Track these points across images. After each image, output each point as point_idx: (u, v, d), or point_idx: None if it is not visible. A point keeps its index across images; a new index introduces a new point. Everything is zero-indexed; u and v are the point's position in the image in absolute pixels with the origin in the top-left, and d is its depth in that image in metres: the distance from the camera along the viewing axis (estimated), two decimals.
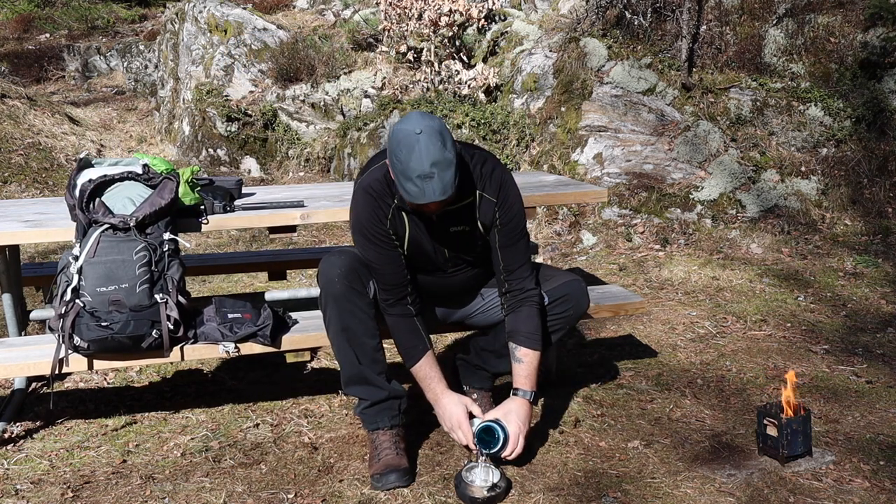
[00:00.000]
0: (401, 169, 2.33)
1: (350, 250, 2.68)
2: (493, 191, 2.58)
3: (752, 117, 5.86)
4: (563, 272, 2.85)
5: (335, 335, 2.59)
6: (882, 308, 4.21)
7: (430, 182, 2.30)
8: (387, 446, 2.60)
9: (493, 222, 2.60)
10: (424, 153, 2.29)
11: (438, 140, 2.31)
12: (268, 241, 5.71)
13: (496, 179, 2.58)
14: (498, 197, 2.58)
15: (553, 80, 6.41)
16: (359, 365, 2.59)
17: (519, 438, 2.54)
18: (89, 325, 2.58)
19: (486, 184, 2.57)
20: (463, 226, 2.59)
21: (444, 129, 2.36)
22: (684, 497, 2.46)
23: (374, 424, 2.63)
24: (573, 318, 2.77)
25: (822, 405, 3.09)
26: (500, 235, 2.61)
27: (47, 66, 11.05)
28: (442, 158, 2.30)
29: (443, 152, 2.30)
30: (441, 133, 2.33)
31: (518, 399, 2.60)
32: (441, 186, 2.31)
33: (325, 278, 2.57)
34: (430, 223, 2.57)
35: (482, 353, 2.88)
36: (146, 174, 2.81)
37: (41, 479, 2.64)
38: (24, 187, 6.84)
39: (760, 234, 5.26)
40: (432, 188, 2.31)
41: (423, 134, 2.30)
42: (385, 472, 2.53)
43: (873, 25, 5.90)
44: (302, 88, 8.26)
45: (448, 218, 2.56)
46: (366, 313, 2.58)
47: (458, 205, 2.53)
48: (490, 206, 2.58)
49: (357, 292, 2.56)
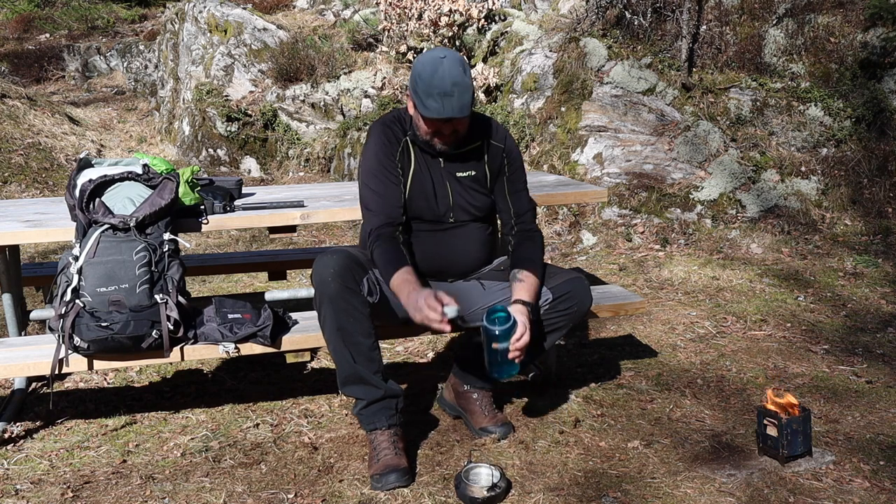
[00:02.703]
0: (423, 87, 2.52)
1: (344, 249, 2.68)
2: (500, 138, 2.79)
3: (752, 117, 5.86)
4: (565, 270, 2.86)
5: (331, 335, 2.59)
6: (882, 308, 4.21)
7: (450, 99, 2.50)
8: (385, 446, 2.60)
9: (502, 169, 2.79)
10: (447, 73, 2.50)
11: (459, 66, 2.53)
12: (268, 241, 5.71)
13: (501, 130, 2.82)
14: (505, 144, 2.79)
15: (553, 80, 6.41)
16: (354, 364, 2.59)
17: (525, 329, 2.50)
18: (89, 325, 2.58)
19: (494, 132, 2.78)
20: (470, 171, 2.74)
21: (464, 60, 2.58)
22: (684, 497, 2.46)
23: (372, 425, 2.63)
24: (576, 316, 2.77)
25: (822, 405, 3.09)
26: (508, 182, 2.80)
27: (47, 66, 11.05)
28: (462, 81, 2.50)
29: (463, 76, 2.51)
30: (462, 62, 2.55)
31: (518, 305, 2.58)
32: (459, 105, 2.51)
33: (319, 278, 2.57)
34: (439, 166, 2.70)
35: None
36: (146, 174, 2.81)
37: (41, 479, 2.64)
38: (24, 187, 6.85)
39: (760, 234, 5.26)
40: (451, 105, 2.50)
41: (447, 59, 2.53)
42: (385, 473, 2.53)
43: (873, 25, 5.90)
44: (302, 88, 8.26)
45: (456, 162, 2.72)
46: (361, 312, 2.58)
47: (466, 147, 2.71)
48: (498, 152, 2.78)
49: (351, 291, 2.56)
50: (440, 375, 3.32)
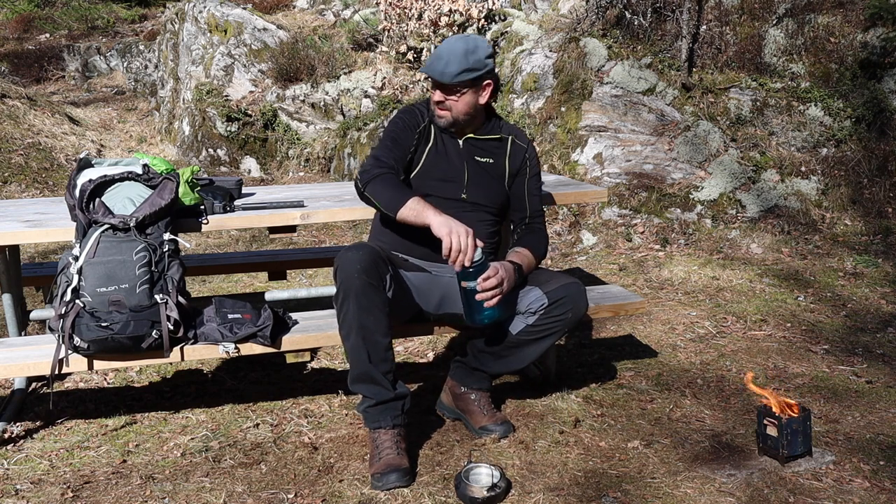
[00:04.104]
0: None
1: (367, 245, 2.67)
2: (524, 140, 2.94)
3: (752, 117, 5.86)
4: (561, 275, 2.85)
5: (350, 332, 2.57)
6: (882, 308, 4.21)
7: (438, 62, 2.69)
8: (388, 446, 2.59)
9: (522, 169, 2.91)
10: (450, 43, 2.72)
11: (466, 45, 2.69)
12: (268, 241, 5.71)
13: (526, 136, 2.98)
14: (528, 147, 2.94)
15: (553, 80, 6.41)
16: (369, 363, 2.58)
17: (499, 273, 2.57)
18: (89, 325, 2.58)
19: (518, 134, 2.94)
20: (488, 158, 2.86)
21: (482, 48, 2.72)
22: (684, 497, 2.46)
23: (376, 423, 2.63)
24: (571, 321, 2.77)
25: (822, 405, 3.09)
26: (528, 184, 2.92)
27: (47, 66, 11.05)
28: (457, 52, 2.68)
29: (464, 54, 2.67)
30: (476, 46, 2.71)
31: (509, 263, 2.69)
32: (440, 68, 2.68)
33: (345, 273, 2.56)
34: (458, 147, 2.83)
35: (480, 354, 2.88)
36: (146, 174, 2.81)
37: (41, 479, 2.64)
38: (24, 187, 6.85)
39: (760, 234, 5.26)
40: (435, 67, 2.69)
41: (467, 38, 2.74)
42: (386, 472, 2.52)
43: (873, 25, 5.90)
44: (302, 88, 8.26)
45: (476, 147, 2.85)
46: (382, 311, 2.58)
47: (487, 136, 2.86)
48: (520, 152, 2.91)
49: (375, 288, 2.56)
50: (440, 375, 3.32)
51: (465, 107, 2.75)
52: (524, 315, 2.76)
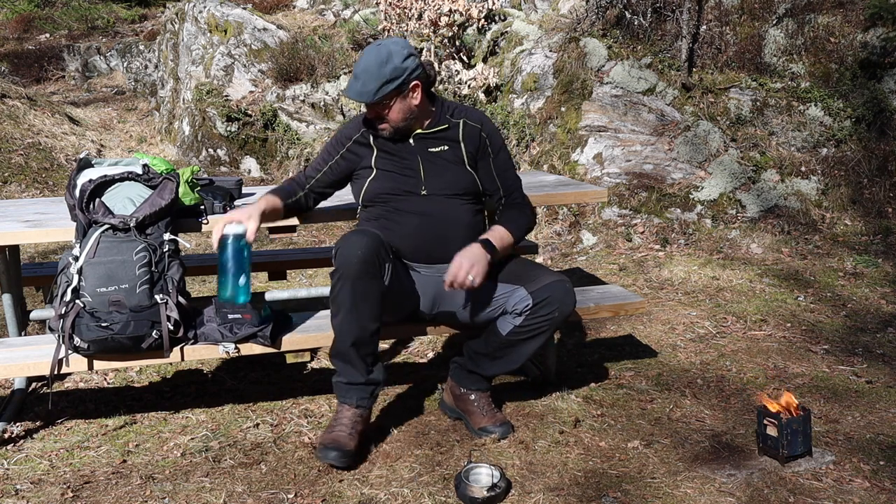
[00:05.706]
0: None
1: (372, 232, 2.68)
2: (475, 119, 2.86)
3: (752, 117, 5.86)
4: (549, 272, 2.81)
5: (340, 311, 2.60)
6: (882, 308, 4.21)
7: (355, 83, 2.67)
8: (345, 423, 2.65)
9: (483, 149, 2.85)
10: (364, 59, 2.66)
11: (378, 57, 2.63)
12: (268, 241, 5.71)
13: (477, 112, 2.91)
14: (482, 124, 2.85)
15: (553, 80, 6.41)
16: (351, 345, 2.62)
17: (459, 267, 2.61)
18: (89, 325, 2.58)
19: (470, 114, 2.86)
20: (443, 146, 2.81)
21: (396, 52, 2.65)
22: (684, 497, 2.46)
23: (343, 398, 2.70)
24: (558, 320, 2.75)
25: (822, 405, 3.09)
26: (495, 165, 2.86)
27: (47, 66, 11.04)
28: (373, 69, 2.63)
29: (378, 67, 2.62)
30: (389, 54, 2.64)
31: (475, 244, 2.69)
32: (358, 90, 2.66)
33: (343, 258, 2.57)
34: (409, 146, 2.80)
35: (476, 356, 2.88)
36: (146, 174, 2.81)
37: (41, 479, 2.64)
38: (24, 187, 6.85)
39: (760, 234, 5.26)
40: (354, 88, 2.67)
41: (379, 46, 2.66)
42: (329, 447, 2.59)
43: (873, 25, 5.90)
44: (302, 88, 8.26)
45: (427, 139, 2.81)
46: (376, 298, 2.60)
47: (434, 129, 2.81)
48: (475, 132, 2.84)
49: (372, 276, 2.57)
50: (440, 375, 3.32)
51: (400, 114, 2.72)
52: (511, 315, 2.76)
